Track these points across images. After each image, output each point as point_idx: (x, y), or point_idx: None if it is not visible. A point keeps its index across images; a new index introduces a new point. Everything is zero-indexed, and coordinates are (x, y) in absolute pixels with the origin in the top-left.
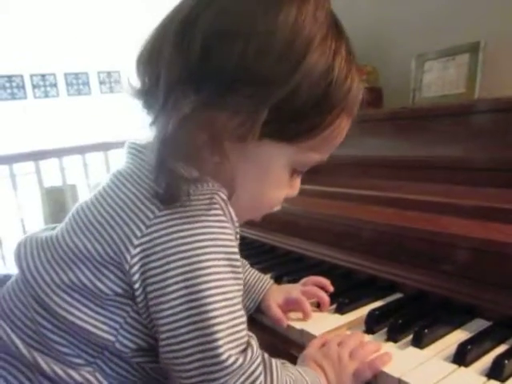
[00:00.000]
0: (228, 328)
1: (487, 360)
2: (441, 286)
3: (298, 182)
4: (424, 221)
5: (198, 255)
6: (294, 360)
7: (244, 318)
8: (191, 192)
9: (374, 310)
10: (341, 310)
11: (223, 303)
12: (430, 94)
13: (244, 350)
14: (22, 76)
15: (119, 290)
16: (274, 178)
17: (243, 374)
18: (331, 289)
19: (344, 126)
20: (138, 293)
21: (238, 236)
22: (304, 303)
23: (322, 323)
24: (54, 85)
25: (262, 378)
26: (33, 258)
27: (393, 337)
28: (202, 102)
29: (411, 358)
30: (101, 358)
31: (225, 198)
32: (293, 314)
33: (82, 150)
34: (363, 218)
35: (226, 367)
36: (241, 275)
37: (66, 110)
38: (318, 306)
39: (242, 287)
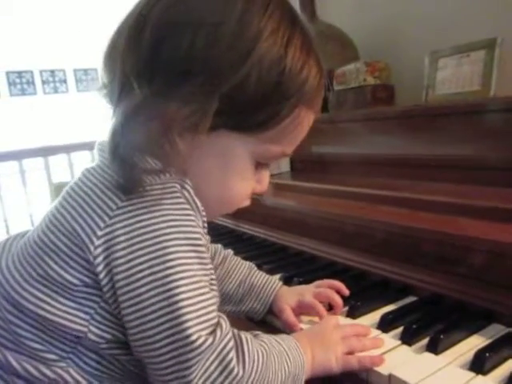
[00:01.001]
0: (197, 310)
1: (506, 368)
2: (456, 290)
3: (265, 176)
4: (438, 222)
5: (160, 242)
6: None
7: (213, 300)
8: (152, 181)
9: (387, 314)
10: (353, 313)
11: (190, 286)
12: (443, 91)
13: (213, 331)
14: (31, 72)
15: (88, 280)
16: (236, 169)
17: (214, 351)
18: (347, 292)
19: (303, 118)
20: (103, 283)
21: (206, 225)
22: (319, 307)
23: None
24: (64, 81)
25: (232, 352)
26: (6, 262)
27: (407, 341)
28: (152, 93)
29: (427, 364)
30: (74, 353)
31: (186, 186)
32: (304, 317)
33: (91, 145)
34: (376, 219)
35: (197, 347)
36: (207, 260)
37: (75, 105)
38: (330, 308)
39: (208, 272)
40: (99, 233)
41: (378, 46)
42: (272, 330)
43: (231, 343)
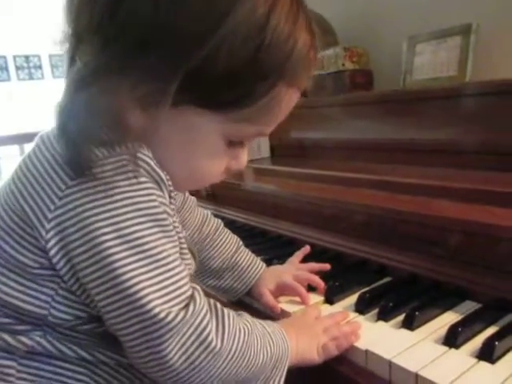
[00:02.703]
0: (160, 289)
1: (478, 342)
2: (432, 269)
3: (242, 152)
4: (415, 204)
5: (117, 223)
6: None
7: (183, 274)
8: (104, 156)
9: (364, 293)
10: (331, 294)
11: (151, 266)
12: (421, 76)
13: (186, 305)
14: (5, 57)
15: (43, 261)
16: (204, 148)
17: (190, 327)
18: (327, 266)
19: (284, 96)
20: (59, 265)
21: (173, 194)
22: (300, 289)
23: None
24: (39, 66)
25: (210, 326)
26: None
27: (384, 318)
28: (106, 63)
29: (402, 340)
30: (47, 325)
31: (144, 157)
32: (282, 298)
33: None
34: (354, 202)
35: (166, 324)
36: (174, 232)
37: (51, 92)
38: (310, 289)
39: (177, 242)
40: (49, 215)
41: (357, 32)
42: (251, 310)
43: (208, 317)
